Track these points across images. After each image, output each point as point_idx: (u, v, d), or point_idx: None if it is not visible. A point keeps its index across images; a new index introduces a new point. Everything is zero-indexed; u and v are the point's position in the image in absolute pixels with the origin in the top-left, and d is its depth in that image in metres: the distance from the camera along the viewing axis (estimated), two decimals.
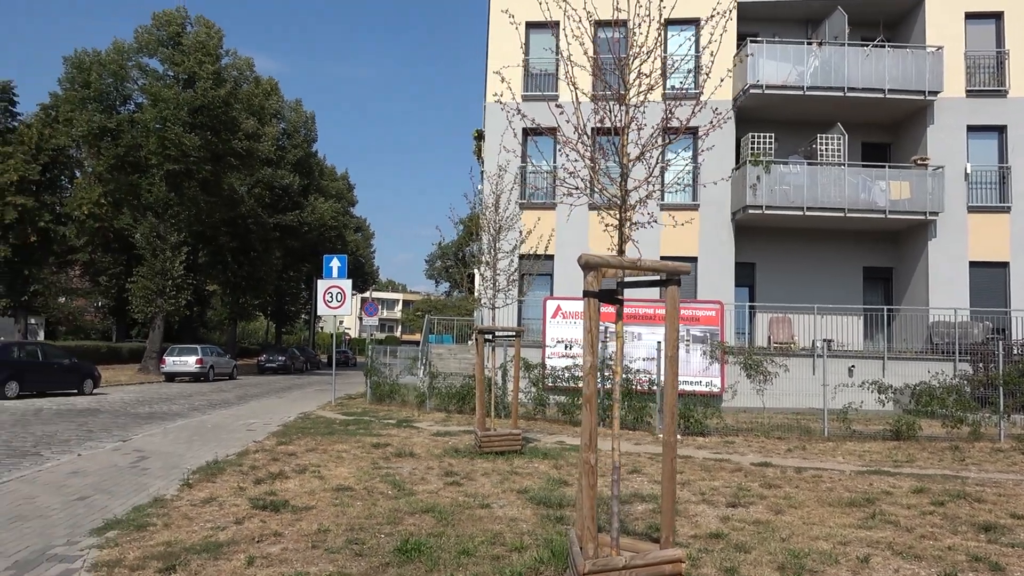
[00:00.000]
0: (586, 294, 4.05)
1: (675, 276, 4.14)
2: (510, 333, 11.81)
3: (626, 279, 4.46)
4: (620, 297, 4.29)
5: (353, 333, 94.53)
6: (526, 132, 20.17)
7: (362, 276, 64.69)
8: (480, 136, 27.20)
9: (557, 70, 20.82)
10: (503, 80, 7.25)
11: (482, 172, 23.21)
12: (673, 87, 5.30)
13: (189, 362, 30.72)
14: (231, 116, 33.54)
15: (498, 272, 11.43)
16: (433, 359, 20.99)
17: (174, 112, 31.19)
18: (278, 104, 44.61)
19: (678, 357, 4.20)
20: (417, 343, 43.21)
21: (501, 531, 6.18)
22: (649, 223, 5.07)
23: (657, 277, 4.28)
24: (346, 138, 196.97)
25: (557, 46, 20.57)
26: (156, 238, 33.75)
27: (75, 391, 22.14)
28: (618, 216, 4.37)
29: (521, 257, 14.03)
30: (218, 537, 5.84)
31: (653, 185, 4.53)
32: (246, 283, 46.57)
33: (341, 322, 24.15)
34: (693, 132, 9.31)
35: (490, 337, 11.33)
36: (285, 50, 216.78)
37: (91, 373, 23.01)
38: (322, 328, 75.78)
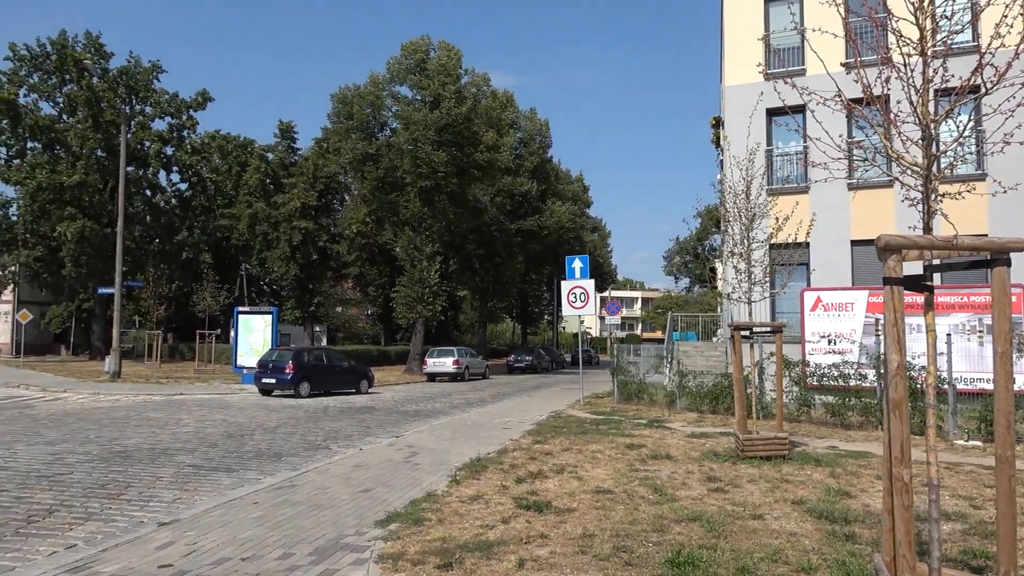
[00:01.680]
0: (887, 281, 3.47)
1: (1004, 254, 3.40)
2: (767, 329, 10.99)
3: (937, 261, 3.77)
4: (928, 284, 3.64)
5: (594, 332, 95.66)
6: (770, 113, 18.92)
7: (601, 276, 65.15)
8: (718, 123, 26.02)
9: (803, 42, 19.23)
10: (747, 61, 6.67)
11: (720, 161, 22.15)
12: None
13: (447, 363, 32.90)
14: (472, 131, 35.45)
15: (753, 263, 10.67)
16: (680, 357, 20.37)
17: (423, 132, 33.64)
18: (514, 115, 46.41)
19: (1011, 354, 3.45)
20: (658, 341, 42.51)
21: (781, 547, 5.63)
22: (967, 192, 4.27)
23: (978, 257, 3.56)
24: (579, 141, 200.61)
25: (801, 15, 19.01)
26: (414, 250, 36.67)
27: (353, 390, 24.60)
28: (923, 188, 3.70)
29: (771, 247, 13.05)
30: (488, 536, 5.95)
31: (964, 147, 3.79)
32: (493, 287, 49.05)
33: (582, 322, 24.36)
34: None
35: (747, 333, 10.61)
36: (517, 65, 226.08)
37: (366, 374, 25.47)
38: (564, 328, 77.64)
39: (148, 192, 47.14)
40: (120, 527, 6.64)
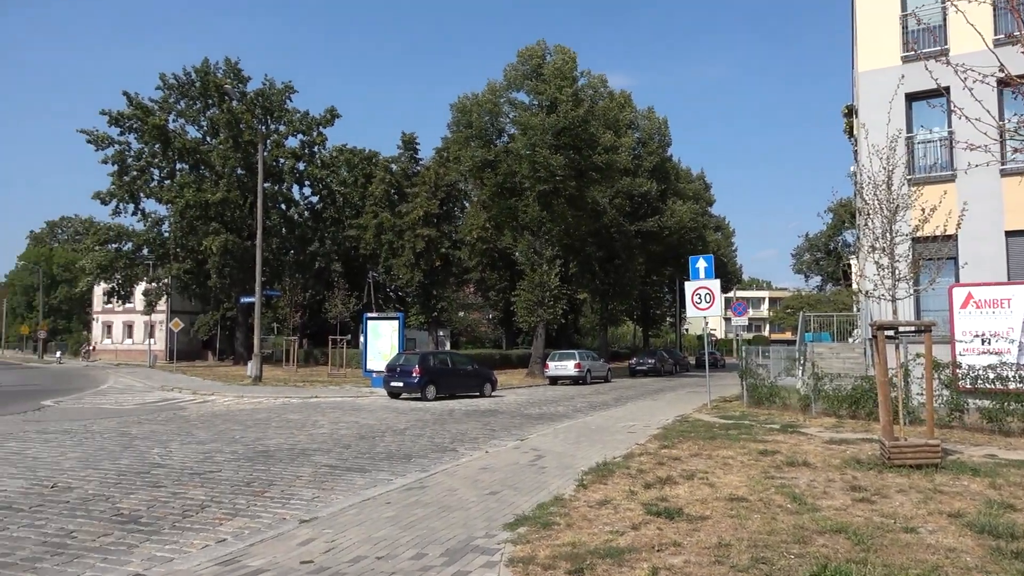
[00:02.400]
0: None
1: None
2: (913, 328, 10.20)
3: None
4: None
5: (719, 334, 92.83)
6: (909, 97, 17.69)
7: (725, 275, 63.13)
8: (851, 112, 24.58)
9: (944, 20, 17.85)
10: (882, 44, 6.20)
11: (855, 151, 20.88)
12: None
13: (568, 366, 32.84)
14: (590, 133, 35.26)
15: (896, 258, 9.94)
16: (814, 359, 19.33)
17: (541, 137, 33.79)
18: (632, 115, 45.79)
19: None
20: (787, 342, 40.64)
21: (939, 563, 5.18)
22: None
23: None
24: (701, 138, 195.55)
25: None
26: (533, 254, 36.90)
27: (477, 394, 24.98)
28: None
29: (915, 240, 12.15)
30: (618, 542, 5.83)
31: None
32: (613, 290, 48.55)
33: (706, 323, 23.61)
34: None
35: (891, 333, 9.90)
36: (635, 64, 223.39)
37: (489, 378, 25.81)
38: (687, 330, 75.75)
39: (283, 206, 50.02)
40: (265, 523, 6.99)
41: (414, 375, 22.65)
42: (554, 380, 33.42)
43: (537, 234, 37.00)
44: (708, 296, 19.17)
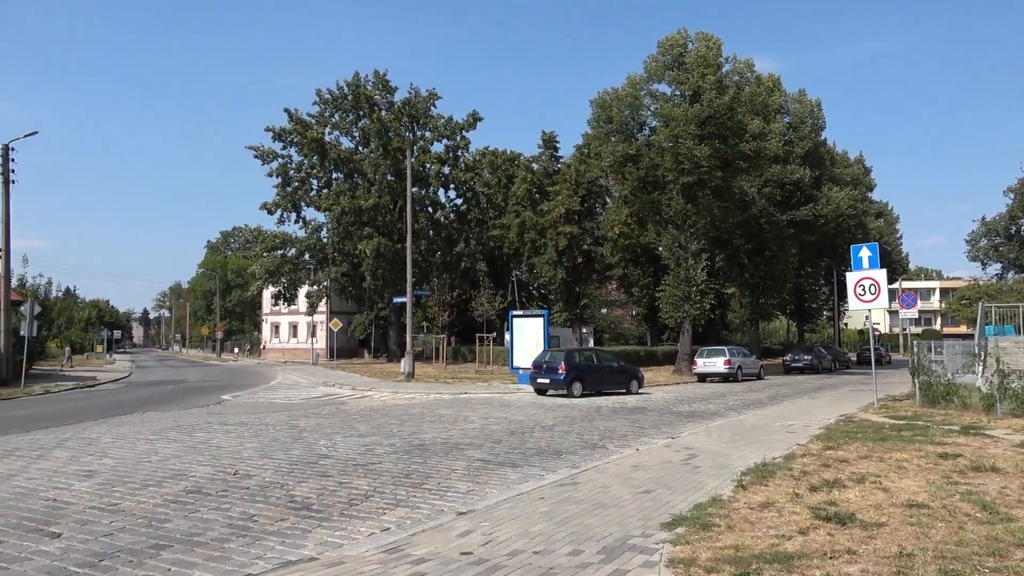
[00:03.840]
0: None
1: None
2: None
3: None
4: None
5: (882, 328, 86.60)
6: None
7: (889, 265, 58.70)
8: None
9: None
10: None
11: None
12: None
13: (718, 363, 31.78)
14: (736, 120, 33.89)
15: None
16: (998, 354, 17.53)
17: (684, 128, 32.88)
18: (781, 99, 43.57)
19: None
20: (962, 336, 37.19)
21: None
22: None
23: None
24: (859, 120, 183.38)
25: None
26: (678, 248, 35.97)
27: (624, 391, 24.68)
28: None
29: None
30: (785, 547, 5.51)
31: None
32: (764, 283, 46.43)
33: (869, 316, 21.99)
34: None
35: None
36: (784, 46, 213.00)
37: (636, 375, 25.45)
38: (846, 324, 71.24)
39: (430, 209, 51.87)
40: (424, 514, 7.23)
41: (560, 372, 22.73)
42: (703, 377, 32.45)
43: (681, 228, 36.03)
44: (873, 287, 17.85)
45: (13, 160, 29.39)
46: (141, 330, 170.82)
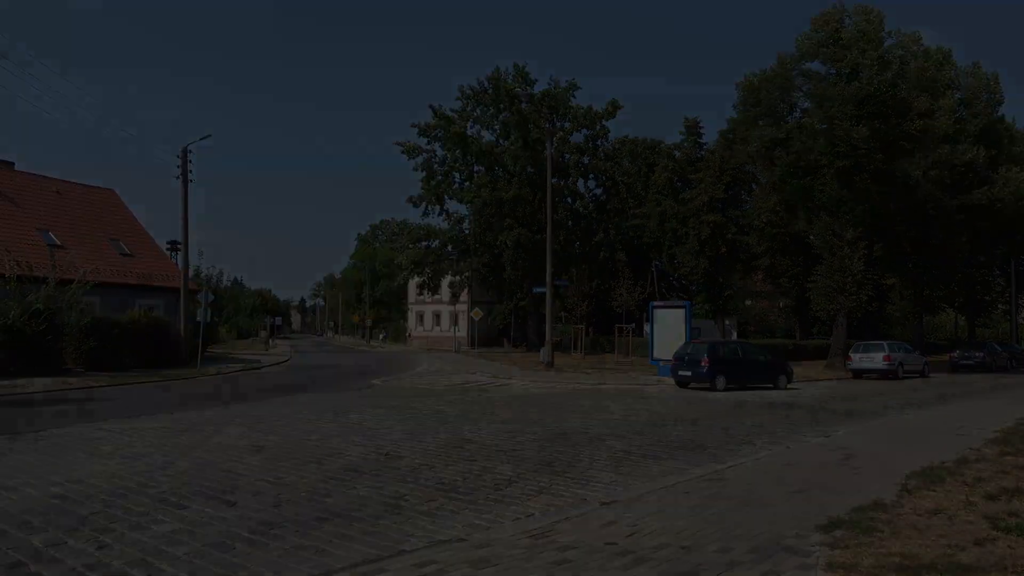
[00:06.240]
0: None
1: None
2: None
3: None
4: None
5: None
6: None
7: None
8: None
9: None
10: None
11: None
12: None
13: (876, 359, 29.76)
14: (899, 98, 31.48)
15: None
16: None
17: (840, 108, 30.97)
18: (951, 74, 39.99)
19: None
20: None
21: None
22: None
23: None
24: None
25: None
26: (832, 236, 33.92)
27: (770, 385, 23.65)
28: None
29: None
30: (959, 558, 5.08)
31: None
32: (928, 274, 42.91)
33: None
34: None
35: None
36: (957, 15, 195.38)
37: (784, 369, 24.34)
38: None
39: (570, 200, 51.86)
40: (567, 502, 7.27)
41: (703, 364, 22.11)
42: (858, 373, 30.47)
43: (836, 214, 33.94)
44: None
45: (190, 162, 32.20)
46: (299, 317, 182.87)
